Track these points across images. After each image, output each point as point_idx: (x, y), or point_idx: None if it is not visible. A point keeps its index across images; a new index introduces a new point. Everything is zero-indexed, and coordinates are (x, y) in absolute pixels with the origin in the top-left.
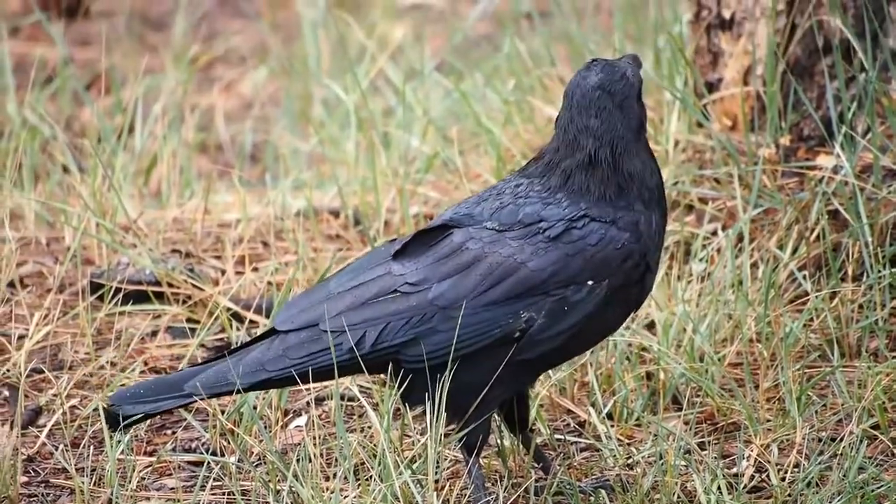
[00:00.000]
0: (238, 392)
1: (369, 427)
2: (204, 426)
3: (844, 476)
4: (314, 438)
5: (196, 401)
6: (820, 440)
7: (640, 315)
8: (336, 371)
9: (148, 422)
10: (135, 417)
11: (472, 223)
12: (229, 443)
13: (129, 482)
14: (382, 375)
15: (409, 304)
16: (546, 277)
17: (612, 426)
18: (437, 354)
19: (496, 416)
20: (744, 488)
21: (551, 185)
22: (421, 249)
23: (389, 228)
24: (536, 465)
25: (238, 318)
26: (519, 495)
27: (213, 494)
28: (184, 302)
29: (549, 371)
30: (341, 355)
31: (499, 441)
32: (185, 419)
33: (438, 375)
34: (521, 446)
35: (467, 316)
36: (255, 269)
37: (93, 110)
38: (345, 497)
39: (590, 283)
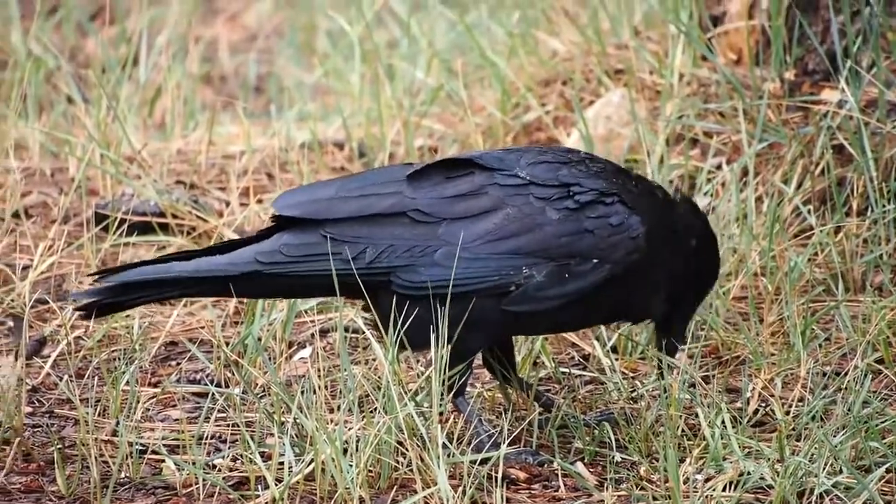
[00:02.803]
0: (227, 280)
1: (373, 359)
2: (208, 357)
3: (849, 410)
4: (318, 370)
5: (181, 277)
6: (824, 374)
7: None
8: (327, 281)
9: (152, 353)
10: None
11: (500, 168)
12: (233, 374)
13: (134, 413)
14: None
15: (415, 232)
16: (560, 244)
17: (617, 359)
18: (431, 286)
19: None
20: (748, 422)
21: (598, 168)
22: (438, 178)
23: (394, 160)
24: (538, 403)
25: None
26: (523, 428)
27: (217, 426)
28: (188, 233)
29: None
30: (336, 264)
31: (501, 383)
32: (190, 351)
33: (436, 307)
34: (520, 389)
35: (471, 259)
36: (260, 201)
37: (97, 41)
38: (349, 429)
39: (594, 261)
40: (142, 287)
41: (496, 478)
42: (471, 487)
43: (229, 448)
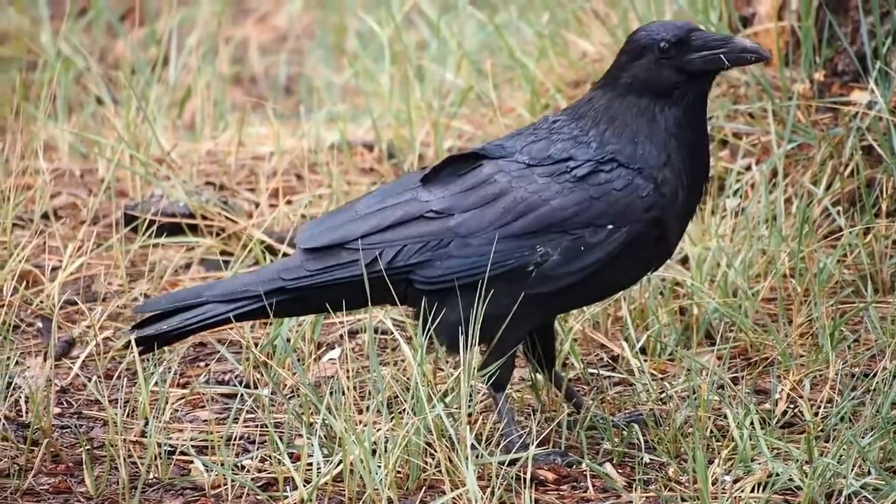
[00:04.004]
0: (255, 300)
1: (402, 360)
2: (237, 359)
3: (877, 412)
4: (347, 371)
5: (208, 303)
6: (853, 376)
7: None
8: (350, 288)
9: (181, 354)
10: (159, 331)
11: (503, 155)
12: (262, 375)
13: (162, 414)
14: (410, 308)
15: (429, 229)
16: (567, 216)
17: (646, 361)
18: (448, 278)
19: (520, 354)
20: (777, 423)
21: (585, 126)
22: (450, 178)
23: (423, 162)
24: (568, 402)
25: (271, 250)
26: (552, 429)
27: (245, 427)
28: (217, 234)
29: (585, 307)
30: (356, 271)
31: (532, 375)
32: (219, 352)
33: (461, 305)
34: (551, 384)
35: (483, 245)
36: (289, 202)
37: (127, 42)
38: (378, 430)
39: (609, 227)
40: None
41: (525, 479)
42: (499, 488)
43: (258, 449)
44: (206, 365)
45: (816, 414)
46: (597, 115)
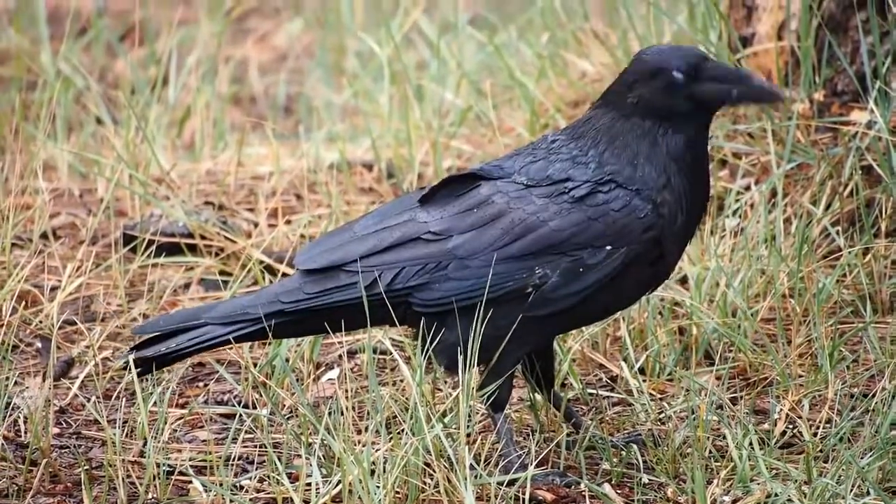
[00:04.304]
0: (253, 323)
1: (401, 380)
2: (236, 379)
3: (876, 432)
4: (346, 391)
5: (207, 325)
6: (852, 396)
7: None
8: (349, 310)
9: (180, 374)
10: (157, 353)
11: (501, 175)
12: (261, 395)
13: (161, 434)
14: (410, 328)
15: (427, 251)
16: (565, 238)
17: (644, 381)
18: (447, 300)
19: (519, 374)
20: (775, 443)
21: (584, 146)
22: (448, 199)
23: (423, 182)
24: (567, 423)
25: (270, 270)
26: (550, 449)
27: (244, 447)
28: (216, 254)
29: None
30: (355, 294)
31: (531, 395)
32: (217, 372)
33: (460, 327)
34: (550, 404)
35: (481, 266)
36: (288, 222)
37: (126, 61)
38: (376, 450)
39: (608, 248)
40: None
41: (523, 499)
42: None
43: (256, 469)
44: (205, 385)
45: (815, 434)
46: (597, 134)
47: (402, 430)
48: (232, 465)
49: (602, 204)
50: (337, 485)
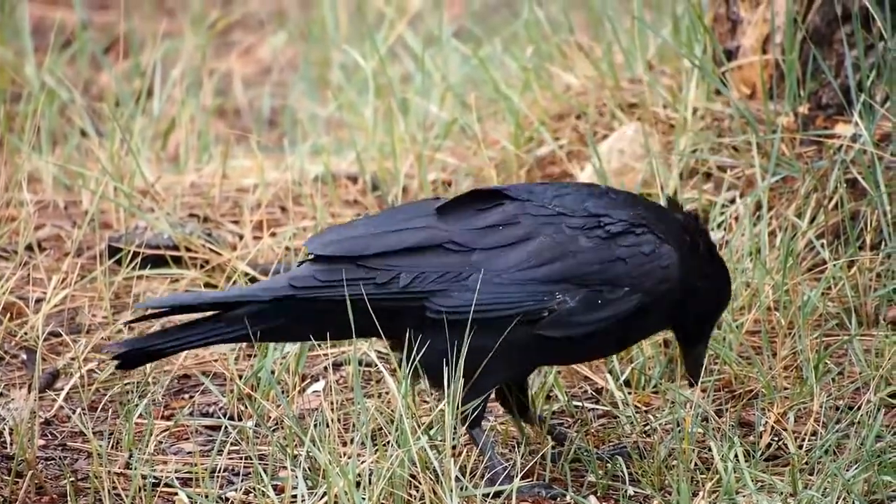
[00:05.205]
0: (263, 303)
1: (387, 393)
2: (221, 391)
3: (862, 444)
4: (332, 403)
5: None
6: (837, 408)
7: None
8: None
9: (165, 385)
10: (159, 310)
11: (529, 199)
12: (246, 407)
13: (147, 446)
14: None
15: (448, 260)
16: (591, 272)
17: (630, 393)
18: (463, 310)
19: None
20: (761, 456)
21: (618, 194)
22: (468, 211)
23: (407, 194)
24: (550, 437)
25: (255, 282)
26: (536, 462)
27: (230, 459)
28: (201, 266)
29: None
30: (369, 289)
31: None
32: (203, 384)
33: (456, 340)
34: (529, 424)
35: (503, 284)
36: (273, 235)
37: (111, 74)
38: (362, 462)
39: (626, 289)
40: (172, 331)
41: None
42: None
43: (242, 481)
44: (191, 397)
45: (801, 447)
46: (635, 199)
47: (388, 442)
48: (217, 476)
49: (632, 245)
50: (322, 496)
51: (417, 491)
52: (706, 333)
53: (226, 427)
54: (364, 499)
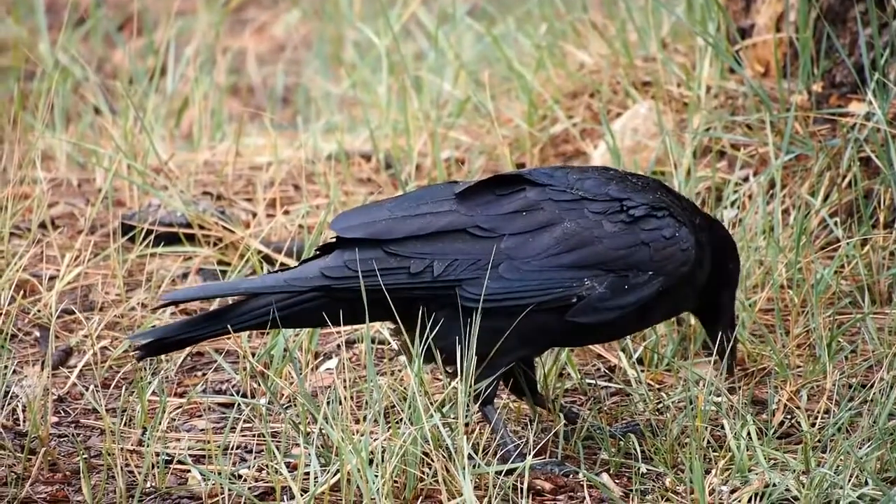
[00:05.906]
0: (299, 294)
1: (399, 370)
2: (234, 368)
3: (874, 422)
4: (344, 381)
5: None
6: (850, 386)
7: None
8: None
9: (178, 363)
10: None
11: (550, 183)
12: (259, 385)
13: (160, 423)
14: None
15: (478, 247)
16: (617, 258)
17: (643, 371)
18: (496, 298)
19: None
20: (773, 433)
21: (637, 178)
22: (489, 196)
23: (421, 172)
24: (562, 416)
25: (269, 260)
26: (549, 439)
27: (242, 436)
28: (215, 244)
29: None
30: (402, 278)
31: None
32: (216, 361)
33: (481, 324)
34: (537, 407)
35: (535, 272)
36: (287, 212)
37: (125, 52)
38: (375, 440)
39: (650, 273)
40: (196, 322)
41: (522, 489)
42: (496, 498)
43: (255, 458)
44: (204, 374)
45: (813, 424)
46: (653, 182)
47: (401, 420)
48: (230, 454)
49: (654, 229)
50: (335, 474)
51: (430, 468)
52: (723, 310)
53: (239, 404)
54: (377, 476)
